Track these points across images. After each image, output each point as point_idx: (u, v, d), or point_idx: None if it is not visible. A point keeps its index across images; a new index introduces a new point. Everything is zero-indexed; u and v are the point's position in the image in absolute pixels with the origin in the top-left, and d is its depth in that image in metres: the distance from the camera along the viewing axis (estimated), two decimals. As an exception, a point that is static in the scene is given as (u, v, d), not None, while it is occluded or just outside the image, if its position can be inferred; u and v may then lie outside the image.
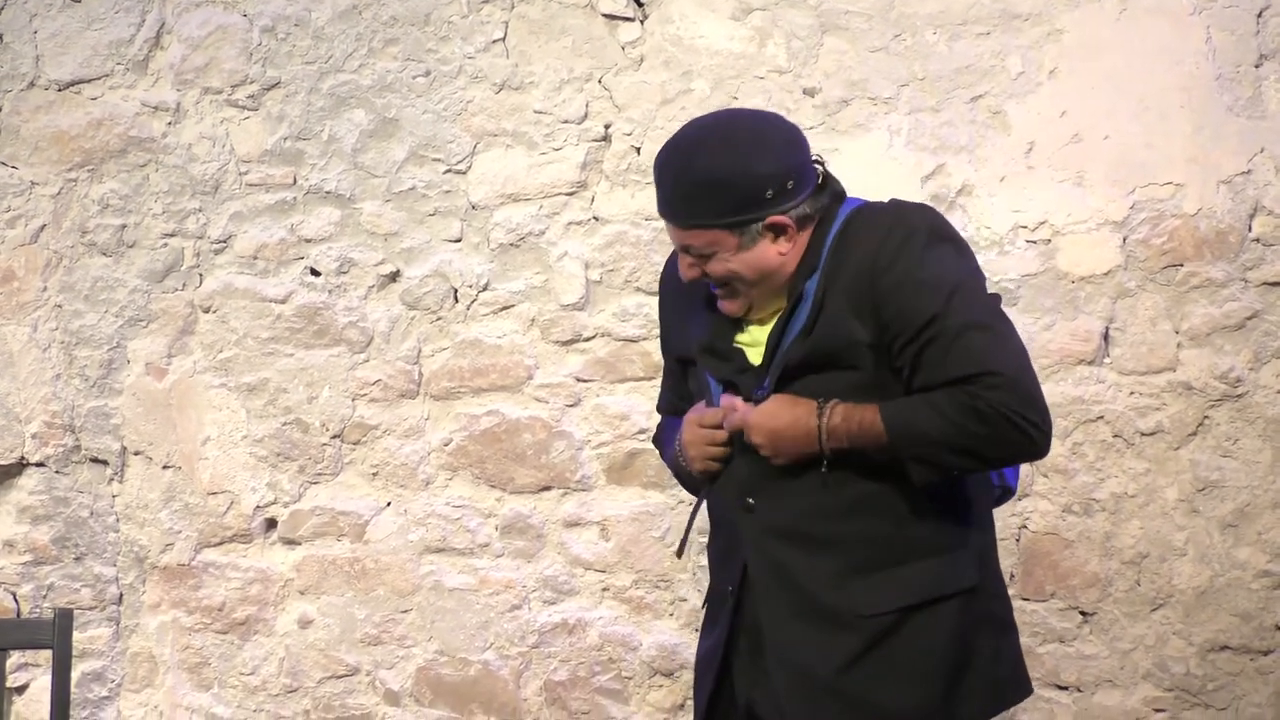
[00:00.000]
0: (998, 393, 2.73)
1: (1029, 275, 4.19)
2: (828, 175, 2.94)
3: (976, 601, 2.87)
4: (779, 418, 2.85)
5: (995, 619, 2.91)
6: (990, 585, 2.92)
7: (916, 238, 2.81)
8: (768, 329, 2.93)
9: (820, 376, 2.84)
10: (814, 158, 2.93)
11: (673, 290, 3.09)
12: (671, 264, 3.08)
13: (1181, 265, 4.12)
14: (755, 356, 2.93)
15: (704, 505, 3.05)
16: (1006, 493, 3.07)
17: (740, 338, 2.96)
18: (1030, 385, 2.78)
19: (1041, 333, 4.17)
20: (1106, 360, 4.16)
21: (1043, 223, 4.19)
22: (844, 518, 2.86)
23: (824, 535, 2.86)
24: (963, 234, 4.16)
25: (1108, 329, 4.16)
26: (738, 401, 2.90)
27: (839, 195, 2.94)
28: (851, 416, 2.81)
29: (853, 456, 2.83)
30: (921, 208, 2.93)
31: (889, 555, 2.84)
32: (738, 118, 3.03)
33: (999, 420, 2.73)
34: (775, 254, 2.88)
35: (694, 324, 3.02)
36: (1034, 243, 4.19)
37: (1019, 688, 2.96)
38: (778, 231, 2.87)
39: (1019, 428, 2.73)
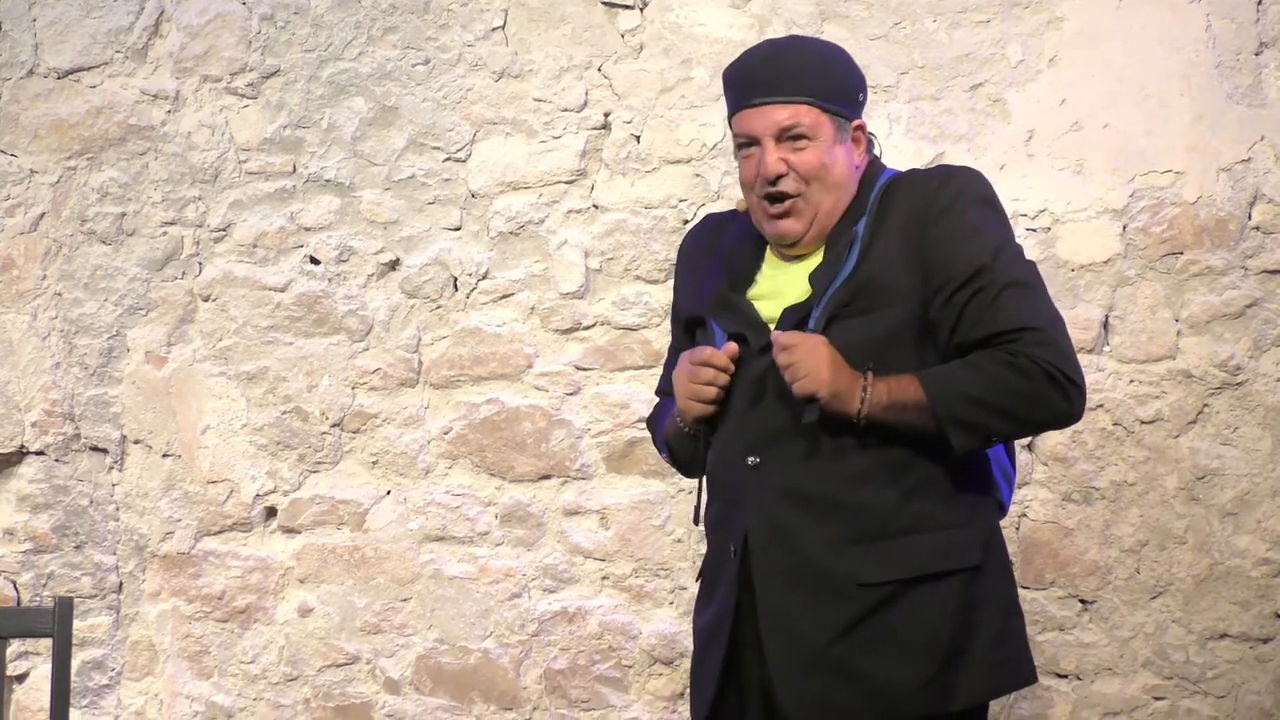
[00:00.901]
0: (1037, 348, 2.74)
1: (1029, 263, 4.19)
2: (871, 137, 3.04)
3: (981, 581, 2.86)
4: (827, 359, 2.82)
5: (1001, 600, 2.89)
6: (996, 568, 2.90)
7: (968, 194, 2.87)
8: (792, 275, 2.94)
9: (864, 319, 2.85)
10: None
11: (690, 256, 3.13)
12: (693, 234, 3.11)
13: (1181, 253, 4.12)
14: (767, 310, 2.93)
15: None
16: (999, 508, 3.05)
17: (752, 292, 2.96)
18: (1067, 345, 2.80)
19: (1041, 321, 4.17)
20: (1106, 348, 4.16)
21: (1042, 211, 4.19)
22: (849, 485, 2.85)
23: (828, 501, 2.85)
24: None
25: (1107, 317, 4.16)
26: (797, 336, 2.87)
27: (877, 158, 3.03)
28: (885, 380, 2.81)
29: (885, 426, 2.82)
30: (971, 171, 2.97)
31: (891, 527, 2.83)
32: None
33: (1039, 375, 2.73)
34: (852, 163, 2.95)
35: (708, 283, 3.03)
36: (1034, 231, 4.19)
37: (1021, 674, 2.92)
38: (855, 140, 2.96)
39: (1058, 383, 2.74)
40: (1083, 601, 4.16)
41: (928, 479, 2.85)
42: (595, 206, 4.47)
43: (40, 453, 4.73)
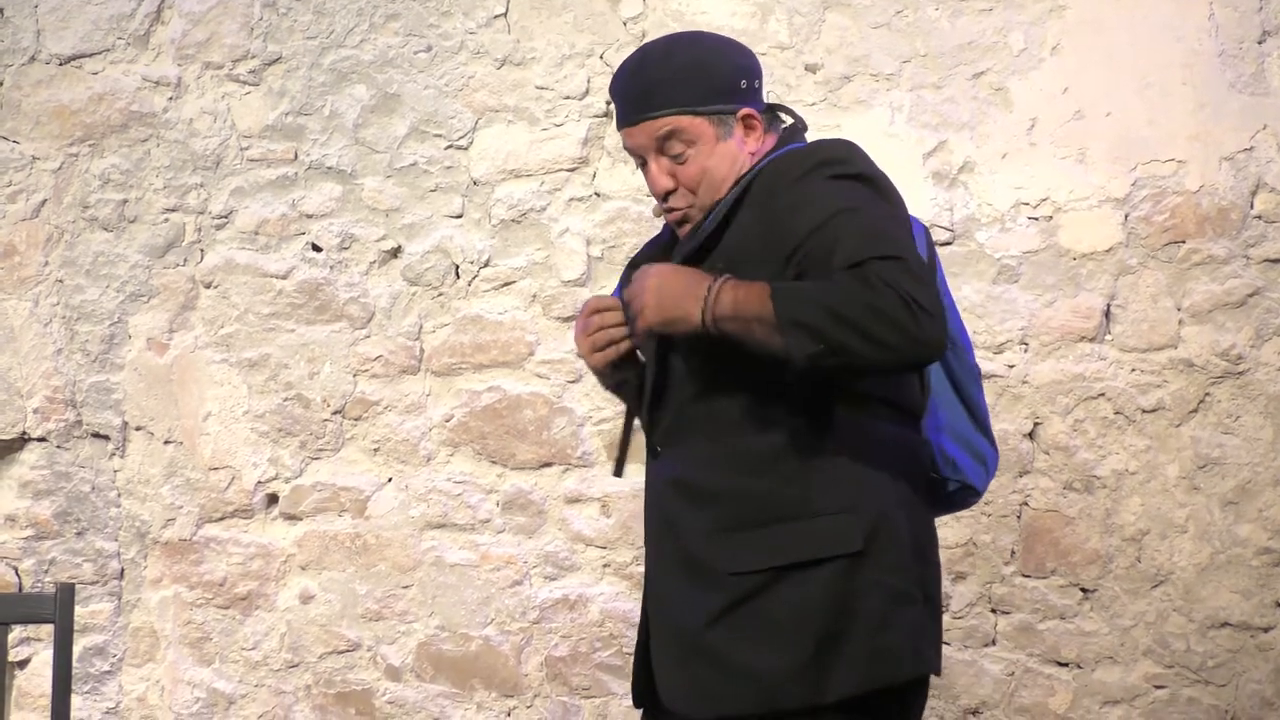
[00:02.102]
0: (889, 269, 2.61)
1: (1030, 252, 4.19)
2: (791, 113, 2.98)
3: (862, 569, 2.75)
4: (675, 275, 2.79)
5: (885, 588, 2.77)
6: (883, 555, 2.78)
7: (825, 168, 2.79)
8: None
9: None
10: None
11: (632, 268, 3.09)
12: (641, 251, 3.09)
13: (1183, 242, 4.12)
14: None
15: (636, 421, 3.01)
16: (967, 490, 3.01)
17: None
18: (925, 277, 2.66)
19: (1043, 309, 4.17)
20: (1108, 337, 4.16)
21: (1044, 199, 4.19)
22: (727, 472, 2.81)
23: (708, 488, 2.82)
24: (964, 211, 4.20)
25: (1109, 306, 4.15)
26: (640, 270, 2.85)
27: (795, 130, 2.96)
28: (740, 286, 2.72)
29: (724, 338, 2.74)
30: (842, 144, 2.89)
31: (765, 514, 2.78)
32: (695, 30, 3.07)
33: (888, 292, 2.59)
34: (746, 152, 2.89)
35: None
36: (1036, 219, 4.19)
37: (906, 664, 2.79)
38: (748, 128, 2.89)
39: (908, 305, 2.58)
40: (1084, 590, 4.16)
41: (810, 465, 2.78)
42: (597, 194, 4.47)
43: (42, 439, 4.73)
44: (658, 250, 3.02)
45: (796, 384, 2.75)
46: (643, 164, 2.94)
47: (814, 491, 2.78)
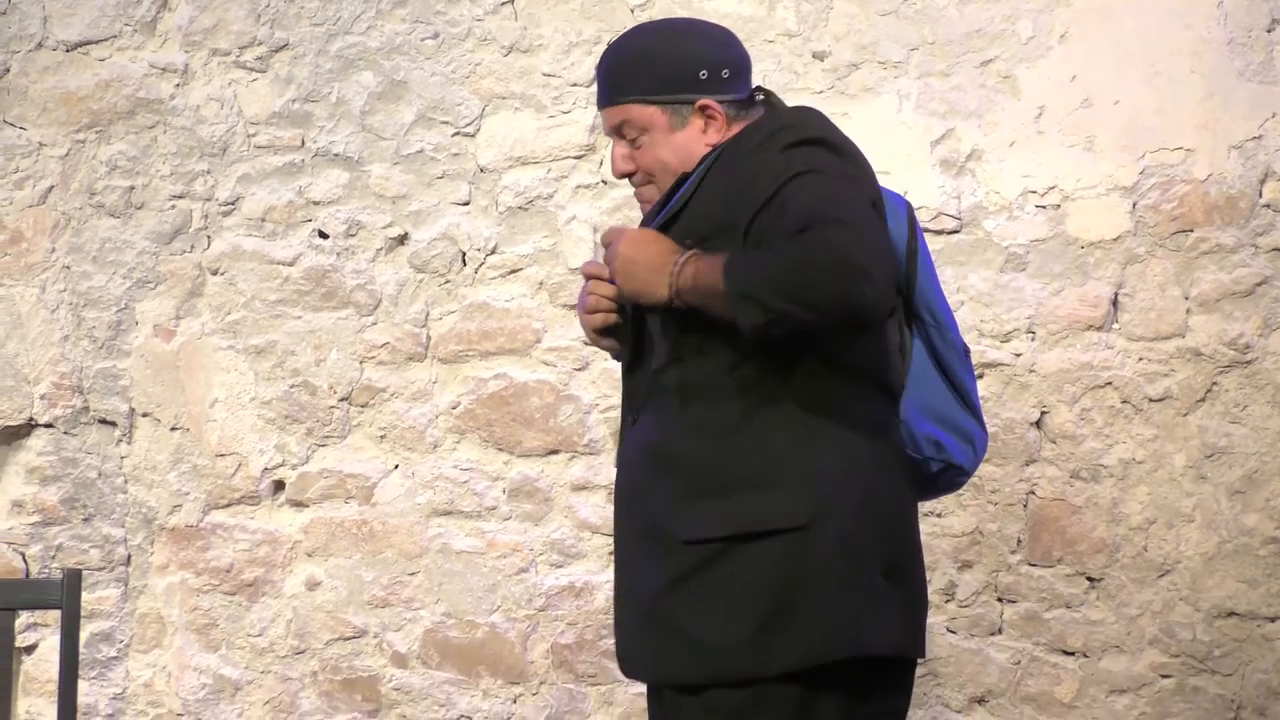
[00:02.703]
0: (829, 231, 2.60)
1: (1038, 240, 4.18)
2: (776, 102, 2.97)
3: (806, 545, 2.74)
4: (647, 245, 2.82)
5: (832, 565, 2.74)
6: (828, 533, 2.75)
7: (782, 134, 2.79)
8: None
9: None
10: (757, 86, 2.97)
11: None
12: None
13: (1191, 231, 4.11)
14: None
15: None
16: (953, 470, 2.97)
17: None
18: (871, 237, 2.64)
19: (1050, 298, 4.16)
20: (1115, 326, 4.15)
21: (1052, 188, 4.18)
22: (688, 440, 2.81)
23: (669, 456, 2.82)
24: (972, 199, 4.19)
25: (1117, 295, 4.15)
26: (620, 228, 2.91)
27: (774, 112, 2.95)
28: (702, 259, 2.74)
29: (691, 314, 2.76)
30: (810, 113, 2.90)
31: (719, 483, 2.77)
32: (678, 17, 3.08)
33: (822, 255, 2.59)
34: (704, 144, 2.90)
35: None
36: (1043, 208, 4.18)
37: (847, 644, 2.75)
38: (708, 119, 2.90)
39: (843, 267, 2.58)
40: (1090, 579, 4.16)
41: (770, 436, 2.77)
42: (604, 182, 4.47)
43: (49, 425, 4.74)
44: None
45: (764, 352, 2.76)
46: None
47: (768, 464, 2.77)
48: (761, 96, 2.98)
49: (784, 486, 2.76)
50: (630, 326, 2.93)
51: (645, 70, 2.90)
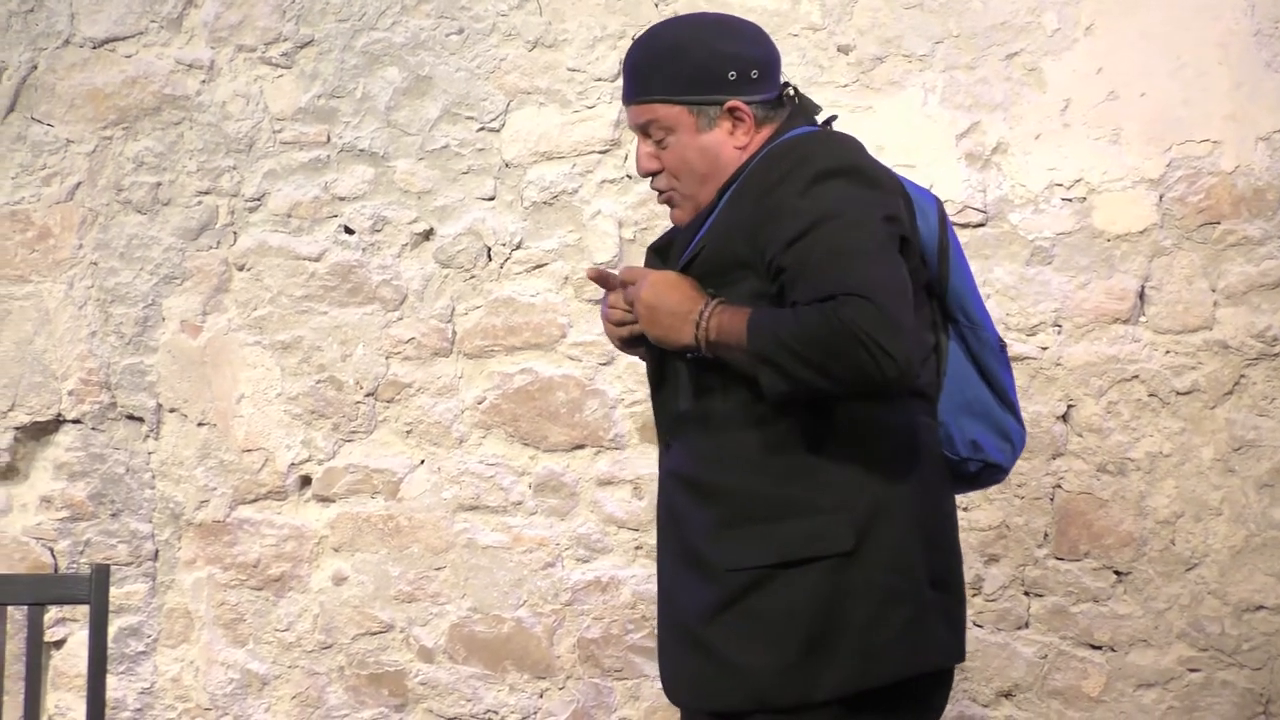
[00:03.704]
0: (852, 310, 2.61)
1: (1064, 233, 4.17)
2: (803, 100, 2.96)
3: (849, 568, 2.74)
4: (670, 292, 2.82)
5: (879, 586, 2.75)
6: (875, 553, 2.76)
7: (807, 168, 2.76)
8: None
9: (715, 289, 2.83)
10: (785, 81, 2.95)
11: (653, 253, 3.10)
12: (662, 236, 3.09)
13: (1218, 223, 4.09)
14: None
15: None
16: (991, 468, 2.99)
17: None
18: (894, 312, 2.64)
19: (1076, 291, 4.15)
20: (1142, 319, 4.14)
21: (1078, 180, 4.17)
22: (727, 468, 2.81)
23: (709, 484, 2.82)
24: (998, 192, 4.18)
25: (1143, 287, 4.13)
26: (640, 271, 2.90)
27: (796, 117, 2.94)
28: (727, 311, 2.76)
29: (718, 360, 2.78)
30: (827, 140, 2.87)
31: (761, 511, 2.77)
32: (708, 12, 3.05)
33: (846, 334, 2.61)
34: (731, 146, 2.88)
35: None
36: (1069, 201, 4.17)
37: (901, 662, 2.77)
38: (736, 120, 2.88)
39: (867, 348, 2.60)
40: (1117, 573, 4.14)
41: (806, 461, 2.77)
42: (629, 176, 4.46)
43: (77, 421, 4.75)
44: (677, 234, 3.01)
45: None
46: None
47: (809, 489, 2.77)
48: (790, 93, 2.96)
49: (828, 511, 2.76)
50: (652, 353, 2.94)
51: (673, 69, 2.87)
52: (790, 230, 2.71)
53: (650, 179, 2.95)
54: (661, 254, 3.01)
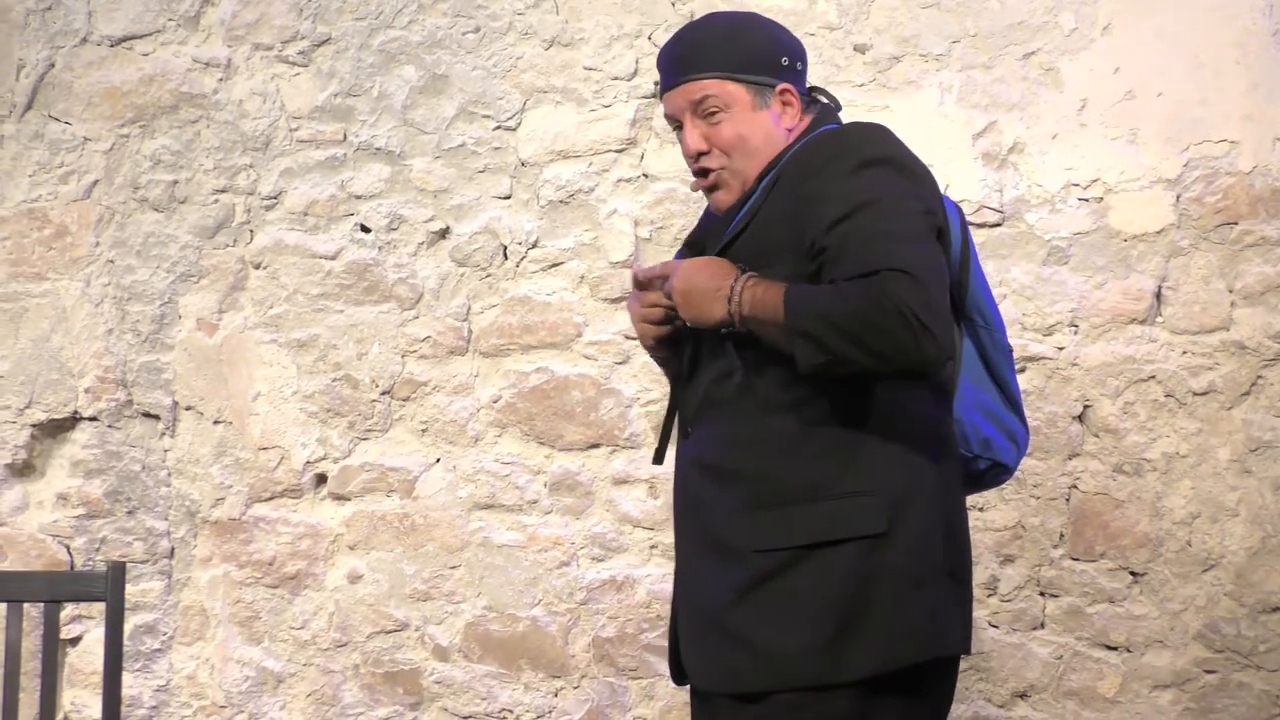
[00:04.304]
0: (896, 284, 2.64)
1: (1081, 233, 4.16)
2: (831, 98, 3.03)
3: (881, 550, 2.76)
4: (700, 271, 2.85)
5: (907, 570, 2.78)
6: (903, 538, 2.78)
7: (852, 155, 2.81)
8: None
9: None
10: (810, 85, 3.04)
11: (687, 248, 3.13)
12: (695, 229, 3.11)
13: (1235, 223, 4.08)
14: None
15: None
16: (999, 468, 3.02)
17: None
18: (935, 293, 2.68)
19: (1093, 291, 4.14)
20: (1159, 319, 4.13)
21: (1095, 180, 4.16)
22: (753, 452, 2.82)
23: (732, 468, 2.84)
24: (1014, 192, 4.17)
25: (1160, 288, 4.13)
26: (674, 263, 2.93)
27: (829, 111, 3.01)
28: (760, 284, 2.78)
29: (751, 335, 2.80)
30: (871, 130, 2.92)
31: (788, 493, 2.79)
32: (742, 10, 3.12)
33: (890, 308, 2.63)
34: (782, 128, 2.94)
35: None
36: (1086, 201, 4.16)
37: (928, 644, 2.80)
38: (784, 104, 2.95)
39: (908, 322, 2.63)
40: (1133, 574, 4.14)
41: (835, 445, 2.79)
42: (645, 175, 4.46)
43: (93, 419, 4.76)
44: (712, 224, 3.04)
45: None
46: (679, 128, 2.99)
47: (839, 472, 2.79)
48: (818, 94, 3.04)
49: (861, 493, 2.79)
50: (689, 342, 2.96)
51: (734, 48, 2.93)
52: (834, 212, 2.74)
53: (696, 160, 2.97)
54: (695, 247, 3.03)
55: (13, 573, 4.23)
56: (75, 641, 4.77)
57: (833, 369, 2.71)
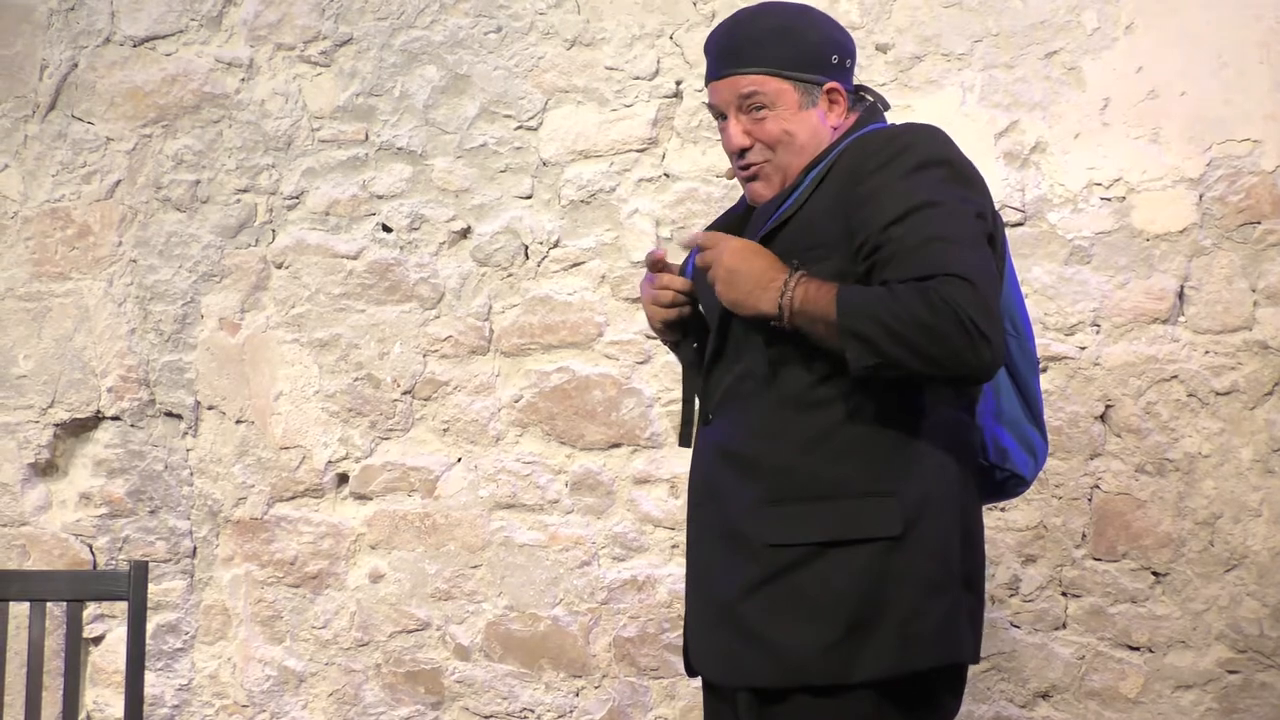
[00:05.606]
0: (953, 289, 2.63)
1: (1103, 233, 4.16)
2: (877, 97, 3.03)
3: (899, 553, 2.75)
4: (755, 258, 2.82)
5: (923, 574, 2.76)
6: (923, 541, 2.77)
7: (909, 156, 2.79)
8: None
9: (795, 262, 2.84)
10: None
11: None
12: (716, 222, 3.10)
13: (1259, 223, 4.07)
14: None
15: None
16: (1015, 479, 3.01)
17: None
18: (990, 298, 2.67)
19: (1115, 291, 4.13)
20: (1181, 319, 4.12)
21: (1118, 180, 4.15)
22: (777, 445, 2.81)
23: (756, 460, 2.82)
24: (1036, 191, 4.17)
25: (1183, 287, 4.12)
26: (721, 235, 2.89)
27: (875, 110, 3.00)
28: (812, 284, 2.75)
29: (795, 331, 2.78)
30: (927, 131, 2.89)
31: (810, 490, 2.77)
32: (793, 1, 3.09)
33: (947, 314, 2.62)
34: (828, 126, 2.94)
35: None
36: (1109, 200, 4.15)
37: (937, 650, 2.78)
38: (831, 102, 2.94)
39: (965, 329, 2.62)
40: (1155, 574, 4.13)
41: (859, 444, 2.78)
42: (666, 175, 4.46)
43: (116, 418, 4.78)
44: (733, 221, 3.03)
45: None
46: (722, 119, 2.97)
47: (861, 472, 2.78)
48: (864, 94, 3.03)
49: (880, 494, 2.77)
50: (716, 325, 2.94)
51: (786, 45, 2.92)
52: (889, 213, 2.73)
53: (739, 155, 2.96)
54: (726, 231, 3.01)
55: (36, 572, 4.25)
56: (98, 640, 4.79)
57: (882, 371, 2.69)
